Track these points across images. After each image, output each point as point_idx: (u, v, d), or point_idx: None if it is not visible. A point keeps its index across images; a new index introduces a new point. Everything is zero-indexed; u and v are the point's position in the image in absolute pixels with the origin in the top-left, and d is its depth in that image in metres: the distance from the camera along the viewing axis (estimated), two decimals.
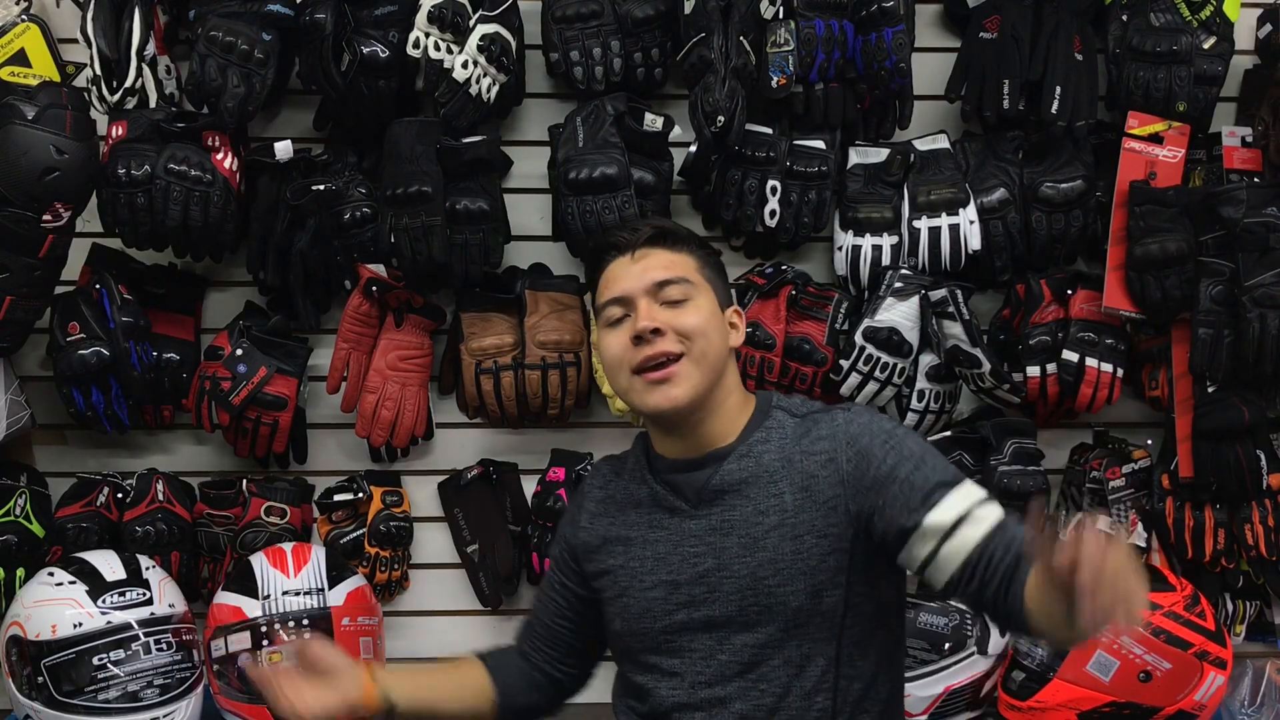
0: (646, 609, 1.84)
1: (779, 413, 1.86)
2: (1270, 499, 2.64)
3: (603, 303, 1.85)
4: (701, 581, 1.80)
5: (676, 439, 1.85)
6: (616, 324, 1.83)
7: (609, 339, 1.84)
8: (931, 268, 2.64)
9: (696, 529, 1.82)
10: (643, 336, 1.78)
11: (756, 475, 1.81)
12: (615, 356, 1.83)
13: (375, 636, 2.50)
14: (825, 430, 1.81)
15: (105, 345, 2.50)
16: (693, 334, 1.79)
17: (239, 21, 2.44)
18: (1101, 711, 2.40)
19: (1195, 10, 2.60)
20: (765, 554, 1.77)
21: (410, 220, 2.53)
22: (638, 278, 1.82)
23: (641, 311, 1.79)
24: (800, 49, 2.52)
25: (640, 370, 1.79)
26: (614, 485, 1.95)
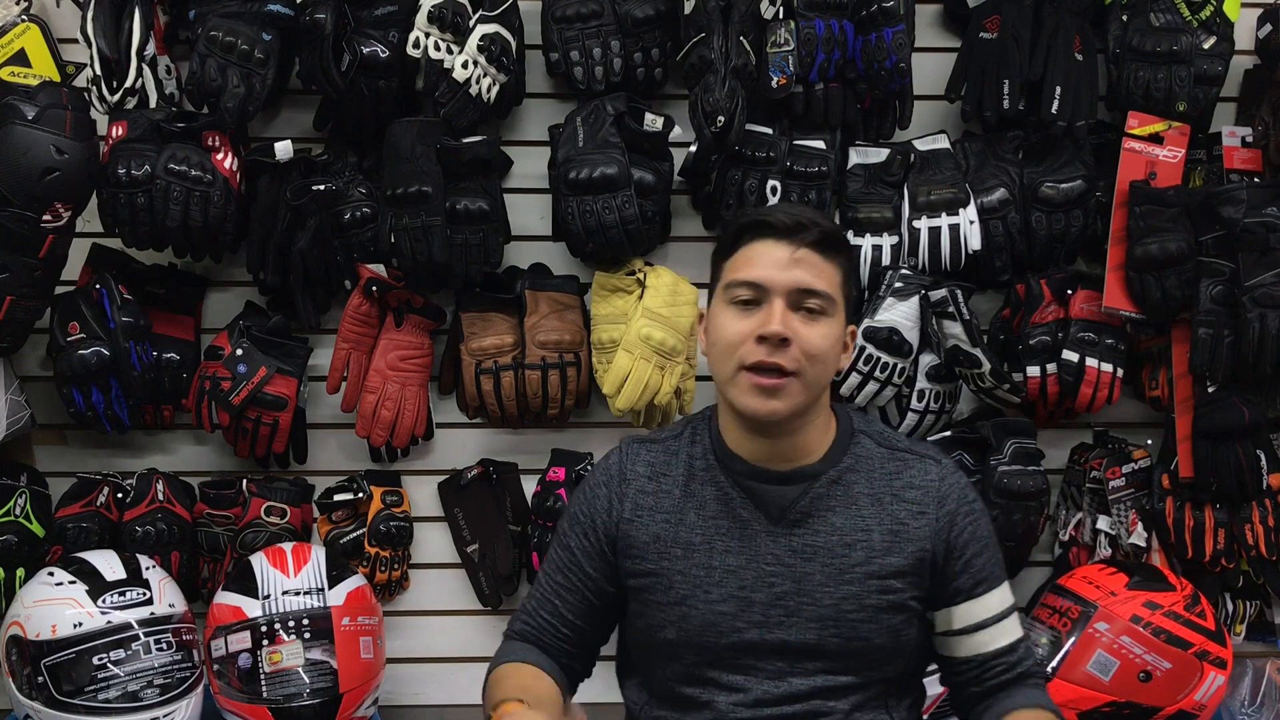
0: (712, 623, 1.77)
1: (864, 439, 1.85)
2: (1270, 499, 2.64)
3: (736, 279, 1.74)
4: (779, 604, 1.76)
5: (763, 443, 1.78)
6: (742, 306, 1.74)
7: (729, 319, 1.74)
8: (931, 268, 2.64)
9: (774, 548, 1.77)
10: (770, 340, 1.70)
11: (845, 505, 1.79)
12: (730, 342, 1.73)
13: (375, 636, 2.50)
14: (919, 479, 1.82)
15: (105, 345, 2.50)
16: (815, 357, 1.72)
17: (239, 21, 2.44)
18: (1101, 711, 2.40)
19: (1195, 10, 2.60)
20: (851, 588, 1.77)
21: (410, 220, 2.53)
22: (785, 273, 1.72)
23: (776, 313, 1.71)
24: (800, 49, 2.53)
25: (751, 369, 1.72)
26: (666, 477, 1.84)
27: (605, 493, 1.87)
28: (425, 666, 2.79)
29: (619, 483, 1.86)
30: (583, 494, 1.90)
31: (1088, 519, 2.73)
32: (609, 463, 1.90)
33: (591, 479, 1.91)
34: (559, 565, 1.89)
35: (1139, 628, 2.40)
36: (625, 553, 1.83)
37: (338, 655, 2.40)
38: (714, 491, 1.80)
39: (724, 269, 1.79)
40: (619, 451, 1.90)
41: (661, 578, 1.80)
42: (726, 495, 1.80)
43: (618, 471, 1.87)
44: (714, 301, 1.80)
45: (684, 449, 1.86)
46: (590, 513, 1.87)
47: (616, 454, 1.90)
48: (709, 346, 1.81)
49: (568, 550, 1.88)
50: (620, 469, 1.87)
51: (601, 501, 1.86)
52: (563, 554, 1.89)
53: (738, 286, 1.74)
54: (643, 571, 1.81)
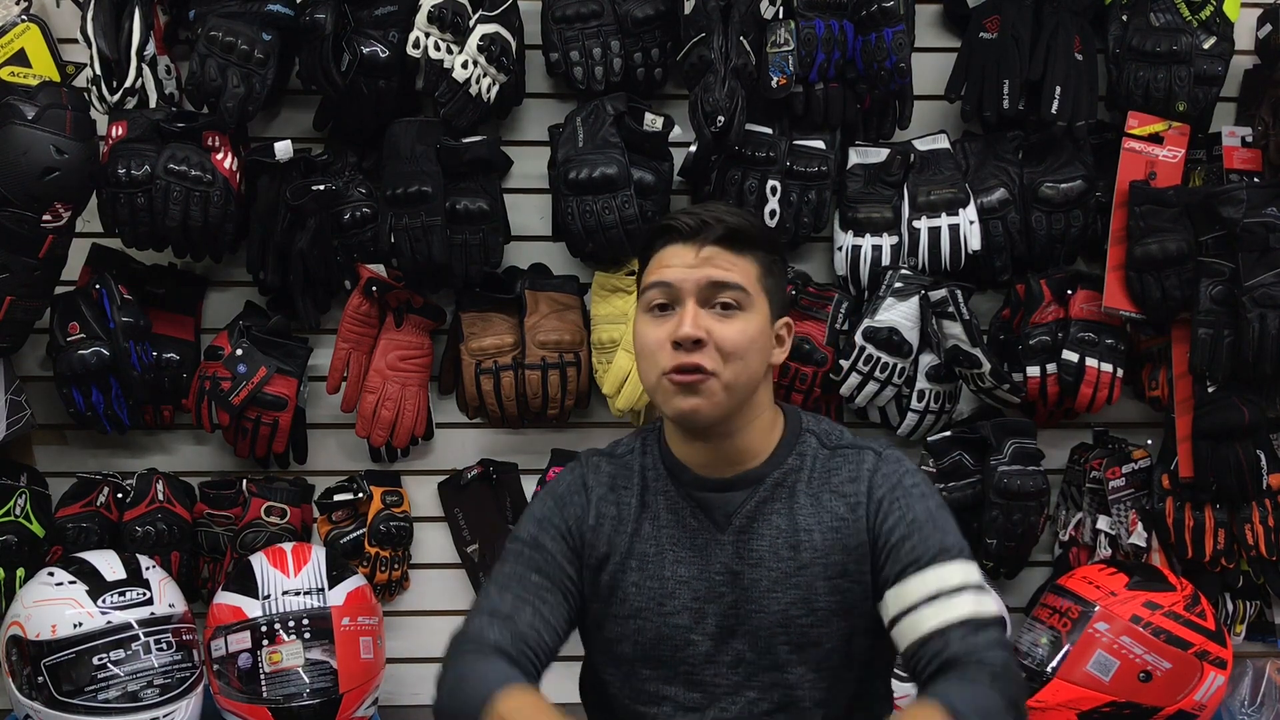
0: (665, 636, 1.74)
1: (810, 438, 1.80)
2: (1270, 499, 2.64)
3: (649, 283, 1.73)
4: (731, 613, 1.73)
5: (703, 449, 1.75)
6: (658, 313, 1.72)
7: (647, 327, 1.72)
8: (931, 268, 2.64)
9: (724, 556, 1.74)
10: (683, 343, 1.67)
11: (788, 507, 1.75)
12: (649, 350, 1.71)
13: (375, 636, 2.50)
14: (855, 471, 1.76)
15: (105, 345, 2.50)
16: (732, 353, 1.68)
17: (239, 21, 2.44)
18: (1101, 711, 2.40)
19: (1195, 10, 2.60)
20: (798, 592, 1.72)
21: (410, 220, 2.53)
22: (693, 272, 1.69)
23: (688, 315, 1.68)
24: (800, 49, 2.53)
25: (669, 372, 1.68)
26: (624, 489, 1.81)
27: (578, 501, 1.81)
28: (425, 666, 2.77)
29: (584, 494, 1.81)
30: (550, 501, 1.82)
31: (1088, 519, 2.73)
32: (573, 475, 1.85)
33: (556, 489, 1.84)
34: (531, 567, 1.76)
35: (1139, 628, 2.40)
36: (589, 564, 1.78)
37: (338, 655, 2.40)
38: (665, 502, 1.77)
39: (643, 276, 1.77)
40: (580, 465, 1.86)
41: (618, 590, 1.76)
42: (676, 505, 1.77)
43: (582, 485, 1.82)
44: (636, 310, 1.78)
45: (637, 461, 1.82)
46: (564, 517, 1.80)
47: (578, 467, 1.86)
48: (636, 359, 1.79)
49: (540, 551, 1.77)
50: (584, 482, 1.83)
51: (573, 508, 1.80)
52: (534, 555, 1.77)
53: (649, 290, 1.72)
54: (603, 585, 1.77)
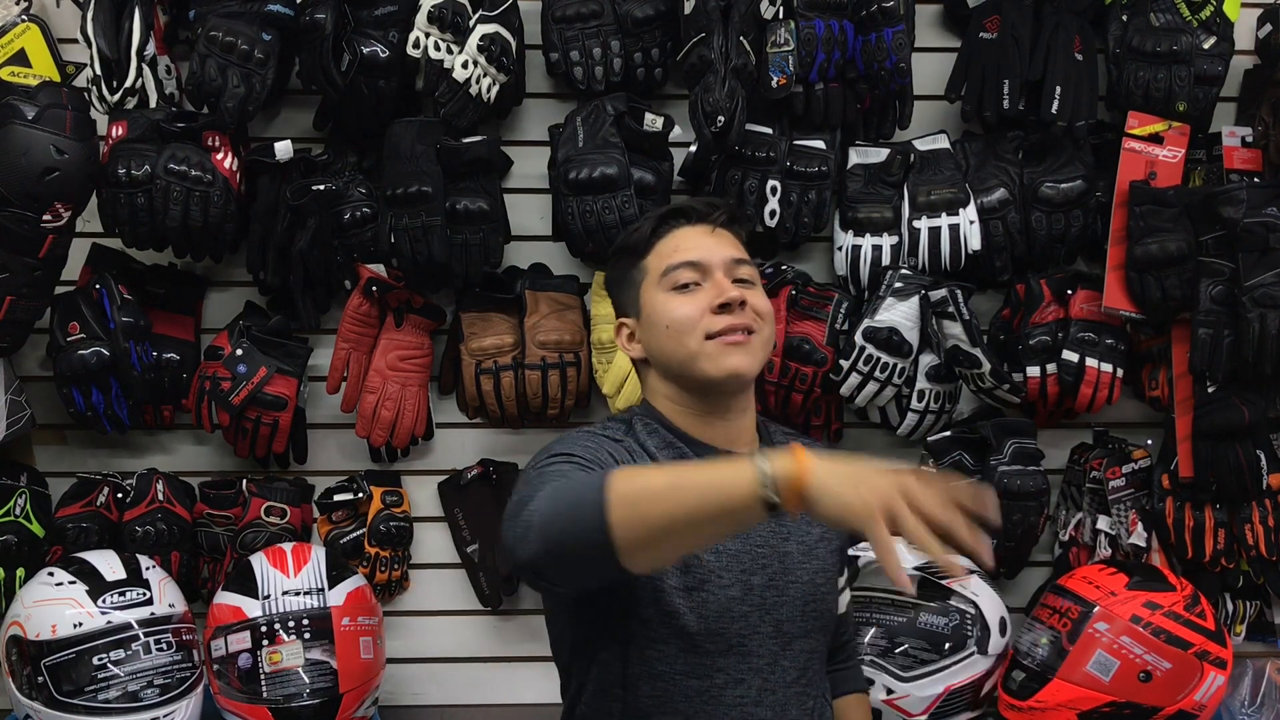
0: (725, 608, 1.74)
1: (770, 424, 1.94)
2: (1270, 499, 2.64)
3: (674, 264, 1.78)
4: (772, 585, 1.77)
5: (719, 426, 1.79)
6: (685, 289, 1.78)
7: (678, 302, 1.77)
8: (931, 268, 2.64)
9: (760, 530, 1.77)
10: (730, 305, 1.74)
11: None
12: (688, 320, 1.75)
13: (375, 636, 2.50)
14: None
15: (105, 345, 2.50)
16: (765, 316, 1.79)
17: (239, 21, 2.44)
18: (1101, 711, 2.40)
19: (1195, 10, 2.60)
20: (818, 563, 1.83)
21: (410, 220, 2.53)
22: (715, 250, 1.80)
23: (723, 282, 1.76)
24: (800, 49, 2.53)
25: (716, 336, 1.74)
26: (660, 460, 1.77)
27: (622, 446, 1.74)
28: (425, 666, 2.79)
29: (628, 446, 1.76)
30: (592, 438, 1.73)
31: (1088, 519, 2.73)
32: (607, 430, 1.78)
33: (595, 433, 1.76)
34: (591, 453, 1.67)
35: (1139, 628, 2.40)
36: None
37: (338, 655, 2.40)
38: None
39: (648, 262, 1.82)
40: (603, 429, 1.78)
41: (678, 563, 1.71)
42: None
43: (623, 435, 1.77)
44: (645, 295, 1.81)
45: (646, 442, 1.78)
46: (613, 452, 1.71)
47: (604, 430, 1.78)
48: (653, 339, 1.79)
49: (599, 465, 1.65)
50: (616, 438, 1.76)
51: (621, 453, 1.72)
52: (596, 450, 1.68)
53: (677, 269, 1.78)
54: None
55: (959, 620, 2.47)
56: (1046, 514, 2.69)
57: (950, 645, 2.46)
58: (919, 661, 2.44)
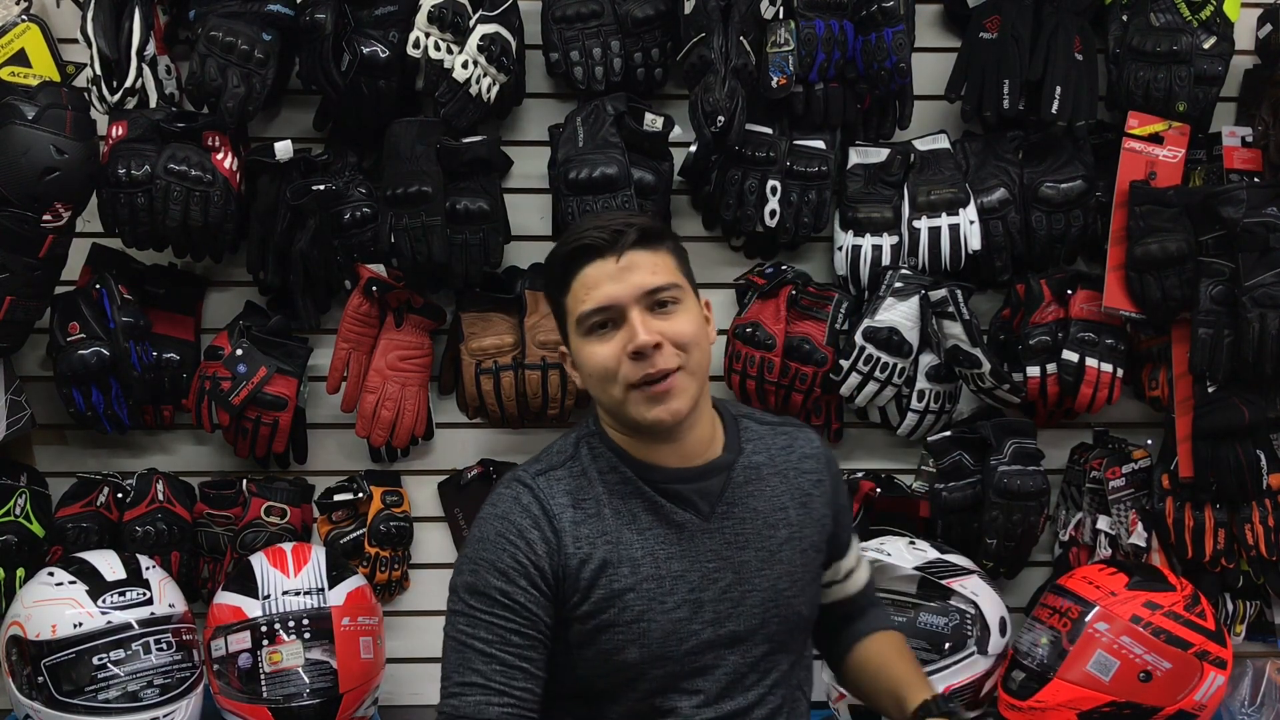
0: (671, 631, 1.74)
1: (746, 421, 1.89)
2: (1270, 499, 2.64)
3: (583, 311, 1.71)
4: (725, 597, 1.76)
5: (669, 448, 1.76)
6: (600, 332, 1.71)
7: (594, 349, 1.71)
8: (931, 268, 2.64)
9: (711, 543, 1.77)
10: (643, 352, 1.67)
11: (760, 489, 1.82)
12: (605, 369, 1.70)
13: (375, 636, 2.50)
14: (808, 449, 1.90)
15: (105, 345, 2.50)
16: (688, 345, 1.71)
17: (239, 21, 2.44)
18: (1101, 711, 2.40)
19: (1195, 10, 2.60)
20: (782, 566, 1.81)
21: (410, 220, 2.53)
22: (625, 283, 1.69)
23: (637, 324, 1.68)
24: (800, 49, 2.53)
25: (637, 385, 1.69)
26: (588, 502, 1.76)
27: (538, 534, 1.73)
28: (425, 666, 2.79)
29: (547, 520, 1.74)
30: (505, 544, 1.73)
31: (1088, 519, 2.73)
32: (522, 504, 1.76)
33: (506, 526, 1.74)
34: (511, 628, 1.70)
35: (1139, 628, 2.40)
36: (575, 587, 1.73)
37: (338, 655, 2.40)
38: (641, 503, 1.76)
39: (566, 305, 1.75)
40: (527, 489, 1.77)
41: (615, 600, 1.73)
42: (655, 504, 1.76)
43: (540, 510, 1.75)
44: (570, 337, 1.76)
45: (589, 468, 1.79)
46: (532, 559, 1.72)
47: (526, 493, 1.77)
48: (585, 379, 1.77)
49: (513, 608, 1.71)
50: (542, 507, 1.75)
51: (539, 545, 1.73)
52: (508, 615, 1.71)
53: (590, 316, 1.70)
54: (597, 600, 1.73)
55: (959, 620, 2.47)
56: (1046, 514, 2.69)
57: (950, 645, 2.46)
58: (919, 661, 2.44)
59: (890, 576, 2.50)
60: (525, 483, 1.78)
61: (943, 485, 2.65)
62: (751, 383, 2.64)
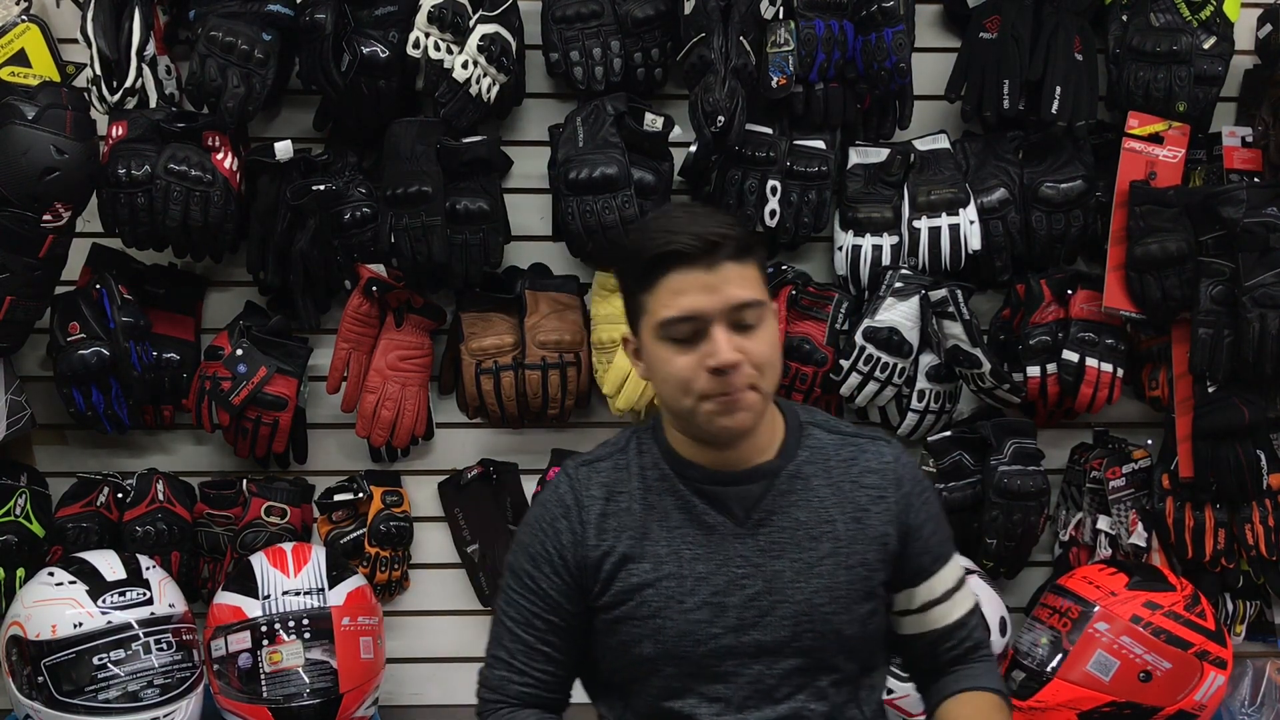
0: (687, 631, 1.72)
1: (814, 429, 1.82)
2: (1270, 499, 2.64)
3: (668, 317, 1.65)
4: (752, 605, 1.73)
5: (717, 450, 1.74)
6: (683, 341, 1.66)
7: (675, 358, 1.66)
8: (931, 268, 2.64)
9: (743, 549, 1.74)
10: (723, 370, 1.64)
11: (807, 499, 1.77)
12: (683, 380, 1.66)
13: (375, 636, 2.50)
14: (874, 463, 1.81)
15: (105, 345, 2.50)
16: (766, 366, 1.68)
17: (239, 21, 2.44)
18: (1101, 711, 2.40)
19: (1195, 10, 2.60)
20: (821, 581, 1.74)
21: (410, 220, 2.53)
22: (714, 296, 1.65)
23: (721, 341, 1.64)
24: (800, 49, 2.53)
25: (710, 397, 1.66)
26: (622, 494, 1.77)
27: (566, 525, 1.77)
28: (425, 666, 2.79)
29: (577, 511, 1.77)
30: (538, 531, 1.79)
31: (1088, 519, 2.73)
32: (559, 493, 1.80)
33: (543, 513, 1.80)
34: (534, 611, 1.78)
35: (1139, 628, 2.40)
36: (595, 578, 1.75)
37: (338, 655, 2.40)
38: (674, 501, 1.75)
39: (646, 305, 1.69)
40: (568, 479, 1.81)
41: (634, 594, 1.73)
42: (688, 503, 1.74)
43: (573, 501, 1.78)
44: (644, 333, 1.71)
45: (633, 462, 1.79)
46: (557, 548, 1.77)
47: (566, 482, 1.81)
48: (654, 380, 1.73)
49: (538, 593, 1.77)
50: (575, 498, 1.78)
51: (565, 535, 1.77)
52: (533, 599, 1.78)
53: (674, 325, 1.66)
54: (616, 592, 1.75)
55: None
56: (1046, 514, 2.69)
57: None
58: None
59: None
60: (569, 472, 1.83)
61: (943, 485, 2.65)
62: None
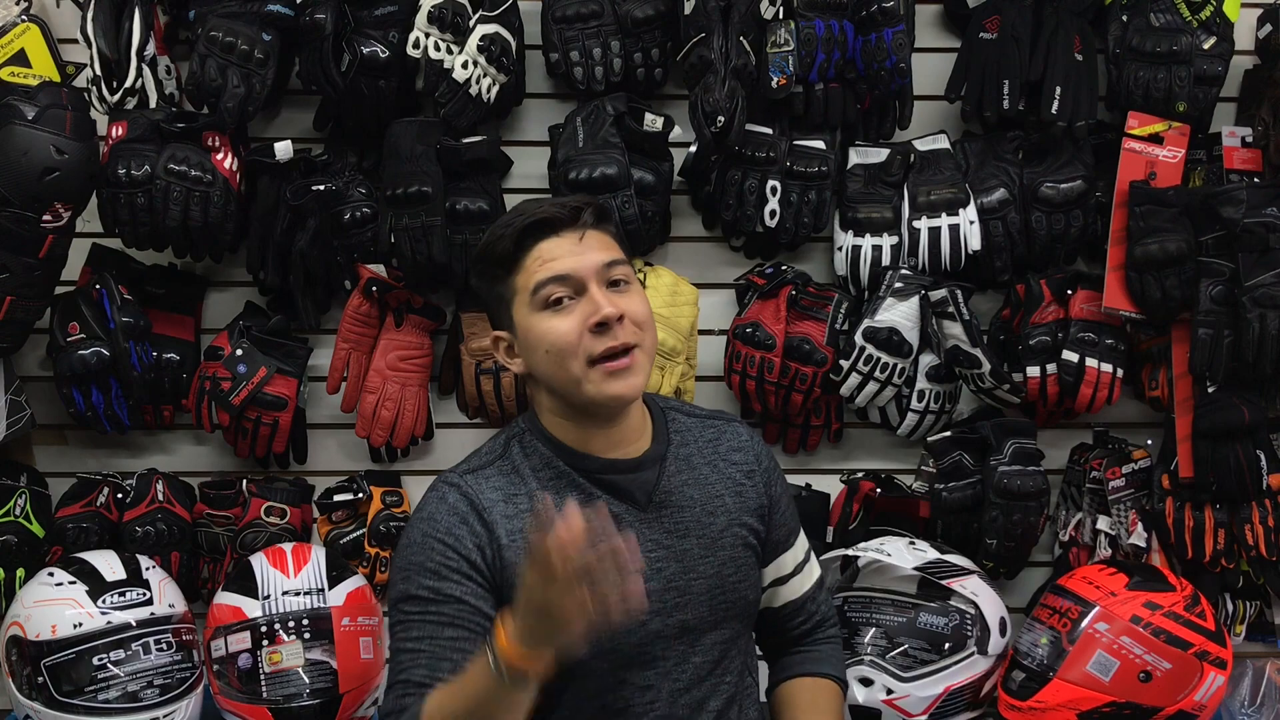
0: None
1: (674, 414, 1.91)
2: (1270, 499, 2.64)
3: (543, 279, 1.68)
4: (672, 587, 1.77)
5: (606, 433, 1.76)
6: (557, 307, 1.69)
7: (553, 323, 1.69)
8: (931, 268, 2.64)
9: (651, 534, 1.76)
10: (608, 323, 1.66)
11: (695, 478, 1.84)
12: (567, 342, 1.68)
13: (375, 637, 2.49)
14: (736, 442, 1.93)
15: (105, 345, 2.50)
16: (644, 323, 1.73)
17: (239, 21, 2.44)
18: (1101, 711, 2.40)
19: (1195, 10, 2.60)
20: (725, 553, 1.83)
21: (410, 220, 2.53)
22: (584, 257, 1.69)
23: (598, 297, 1.67)
24: (800, 49, 2.53)
25: (600, 359, 1.68)
26: (519, 498, 1.75)
27: (467, 530, 1.71)
28: None
29: (476, 515, 1.72)
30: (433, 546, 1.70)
31: (1088, 519, 2.73)
32: (449, 503, 1.73)
33: (432, 528, 1.72)
34: (441, 623, 1.67)
35: (1139, 628, 2.40)
36: (510, 581, 1.67)
37: (338, 655, 2.40)
38: (577, 495, 1.72)
39: (516, 284, 1.72)
40: (454, 489, 1.75)
41: None
42: (591, 495, 1.74)
43: (468, 507, 1.73)
44: (518, 315, 1.73)
45: (520, 465, 1.78)
46: (462, 553, 1.70)
47: (453, 492, 1.75)
48: (534, 360, 1.73)
49: (446, 603, 1.68)
50: (471, 503, 1.73)
51: (468, 540, 1.71)
52: (441, 610, 1.68)
53: (546, 286, 1.69)
54: None
55: (959, 620, 2.47)
56: (1046, 514, 2.68)
57: (950, 645, 2.46)
58: (919, 662, 2.44)
59: (890, 576, 2.50)
60: (451, 483, 1.77)
61: (943, 485, 2.65)
62: (751, 383, 2.64)
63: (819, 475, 2.77)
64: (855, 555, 2.53)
